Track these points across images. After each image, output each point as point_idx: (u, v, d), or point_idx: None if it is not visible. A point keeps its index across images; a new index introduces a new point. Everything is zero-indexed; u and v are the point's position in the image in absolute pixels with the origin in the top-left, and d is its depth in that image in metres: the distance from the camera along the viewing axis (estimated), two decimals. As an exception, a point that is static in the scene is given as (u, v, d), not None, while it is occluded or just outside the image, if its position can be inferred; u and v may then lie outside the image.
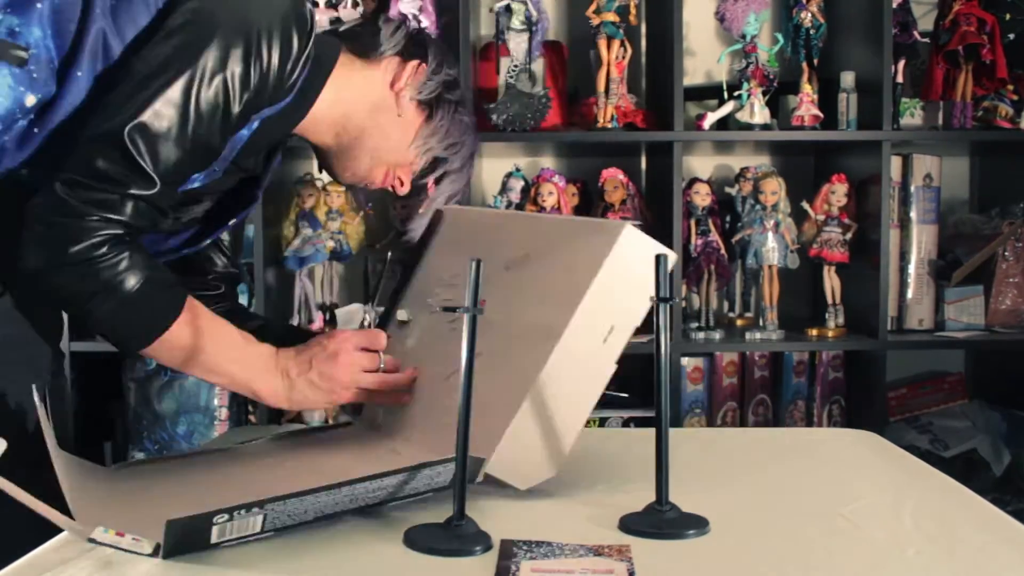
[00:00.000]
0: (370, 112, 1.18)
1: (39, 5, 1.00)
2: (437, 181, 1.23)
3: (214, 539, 0.81)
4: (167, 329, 1.00)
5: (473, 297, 0.83)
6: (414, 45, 1.21)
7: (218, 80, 0.98)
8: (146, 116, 0.96)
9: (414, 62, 1.19)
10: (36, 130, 1.01)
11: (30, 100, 1.00)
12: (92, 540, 0.79)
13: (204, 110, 0.98)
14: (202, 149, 1.01)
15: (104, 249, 0.95)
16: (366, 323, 1.25)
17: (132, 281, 0.96)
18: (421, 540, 0.82)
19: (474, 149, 1.26)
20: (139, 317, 0.99)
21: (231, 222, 1.24)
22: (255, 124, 1.06)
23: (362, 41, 1.19)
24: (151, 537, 0.80)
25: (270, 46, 1.00)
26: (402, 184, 1.22)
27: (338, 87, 1.14)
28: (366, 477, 0.85)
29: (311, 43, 1.04)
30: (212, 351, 1.05)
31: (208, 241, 1.23)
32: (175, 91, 0.97)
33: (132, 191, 0.96)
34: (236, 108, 1.00)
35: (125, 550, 0.80)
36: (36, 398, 0.95)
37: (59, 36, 1.01)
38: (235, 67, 0.98)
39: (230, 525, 0.81)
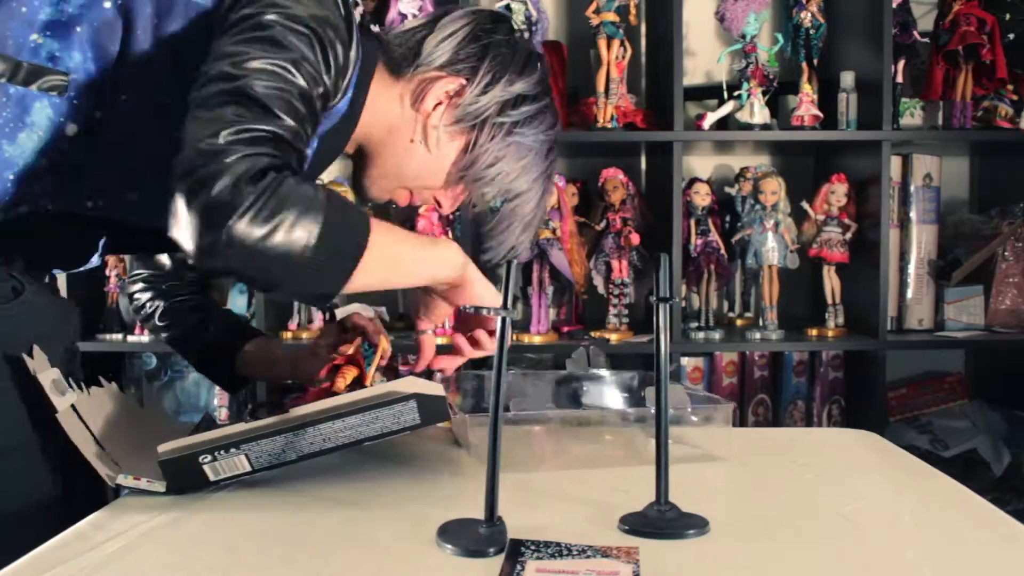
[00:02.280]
0: (388, 133, 1.10)
1: (79, 29, 0.97)
2: (496, 208, 1.15)
3: (212, 477, 0.94)
4: (369, 234, 0.91)
5: (505, 298, 0.83)
6: (470, 56, 1.09)
7: (308, 52, 0.92)
8: (252, 77, 0.88)
9: (449, 81, 1.07)
10: (91, 158, 0.98)
11: (71, 129, 0.97)
12: (118, 484, 0.95)
13: (305, 75, 0.91)
14: (310, 111, 0.93)
15: (271, 177, 0.85)
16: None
17: (318, 193, 0.87)
18: (450, 536, 0.82)
19: (542, 171, 1.14)
20: (343, 232, 0.89)
21: None
22: (315, 143, 1.00)
23: (394, 53, 1.09)
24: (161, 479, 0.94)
25: (335, 35, 0.95)
26: (440, 206, 1.15)
27: (370, 98, 1.07)
28: (327, 415, 0.93)
29: (356, 43, 0.99)
30: (411, 249, 1.01)
31: None
32: (275, 58, 0.90)
33: (271, 128, 0.87)
34: (326, 81, 0.94)
35: (145, 491, 0.94)
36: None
37: (101, 60, 0.98)
38: (315, 47, 0.93)
39: (218, 464, 0.94)
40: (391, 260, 0.97)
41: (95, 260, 1.13)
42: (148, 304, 1.35)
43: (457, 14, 1.12)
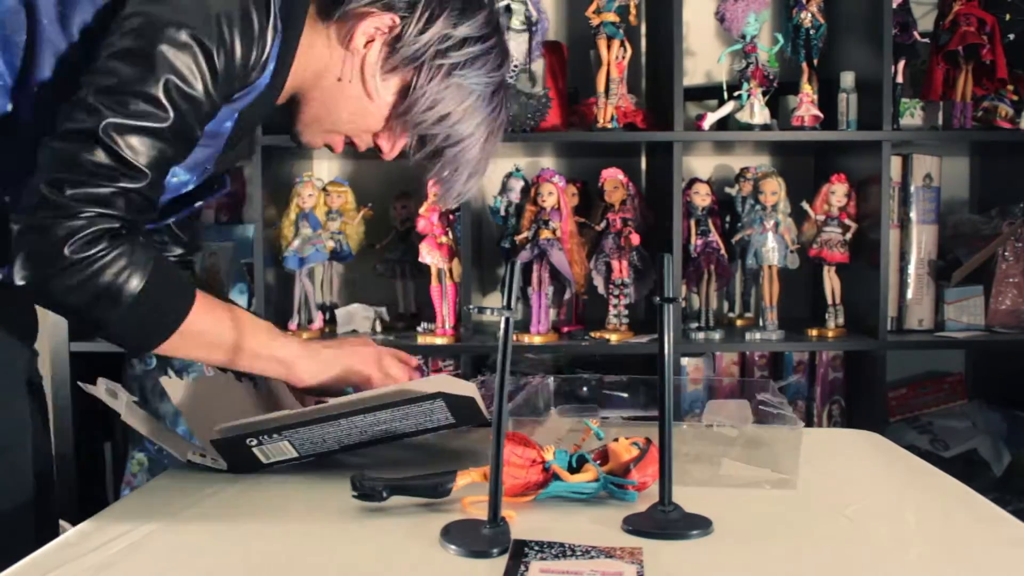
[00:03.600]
0: (317, 76, 1.06)
1: None
2: (439, 152, 1.08)
3: (264, 460, 1.02)
4: (183, 321, 0.96)
5: (507, 299, 0.83)
6: None
7: (185, 71, 0.91)
8: (119, 113, 0.89)
9: (378, 18, 1.03)
10: (4, 151, 0.96)
11: None
12: (189, 460, 1.06)
13: (177, 102, 0.91)
14: (182, 140, 0.95)
15: (103, 245, 0.89)
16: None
17: (135, 282, 0.91)
18: (454, 537, 0.82)
19: (487, 114, 1.08)
20: (152, 314, 0.94)
21: (197, 204, 1.18)
22: (235, 116, 1.02)
23: None
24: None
25: (231, 29, 0.93)
26: (382, 151, 1.12)
27: (300, 51, 1.04)
28: (359, 409, 0.97)
29: (273, 16, 0.97)
30: (237, 336, 1.01)
31: (171, 220, 1.18)
32: (144, 86, 0.90)
33: (123, 184, 0.90)
34: (207, 97, 0.94)
35: (211, 468, 1.04)
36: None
37: (6, 51, 0.95)
38: (199, 57, 0.92)
39: (266, 448, 1.01)
40: (213, 341, 1.00)
41: None
42: None
43: None
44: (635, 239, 2.10)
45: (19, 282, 0.88)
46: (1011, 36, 2.14)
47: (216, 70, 0.93)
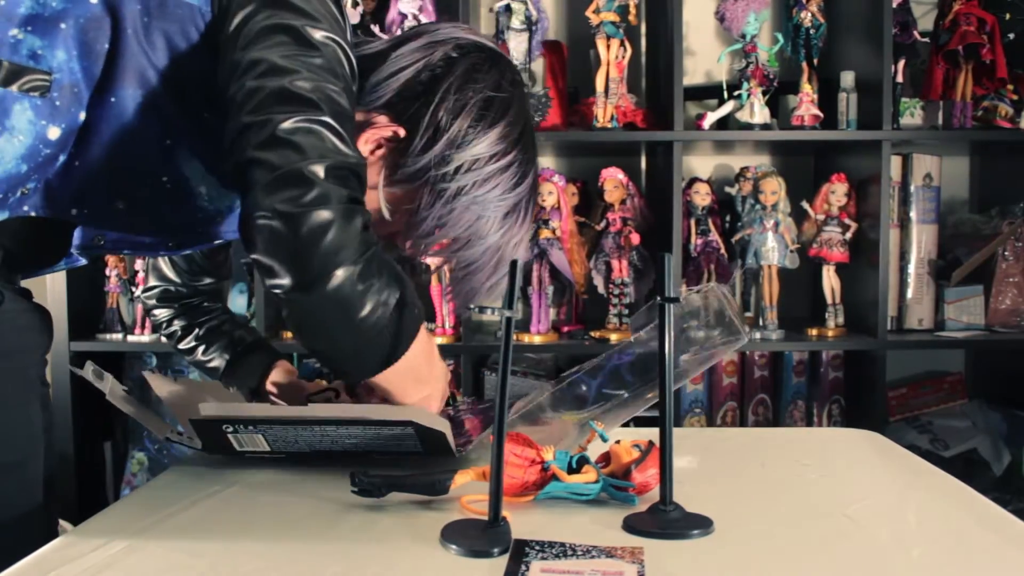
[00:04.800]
0: None
1: (63, 25, 0.89)
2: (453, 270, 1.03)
3: (237, 447, 1.04)
4: (416, 336, 0.90)
5: (509, 299, 0.82)
6: (413, 100, 0.97)
7: (331, 54, 0.87)
8: (327, 110, 0.84)
9: (384, 128, 0.97)
10: (77, 163, 0.92)
11: (53, 133, 0.89)
12: (167, 438, 1.10)
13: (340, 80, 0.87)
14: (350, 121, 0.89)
15: (367, 231, 0.82)
16: None
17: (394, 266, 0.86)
18: (454, 536, 0.82)
19: (500, 238, 1.00)
20: (411, 314, 0.89)
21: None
22: None
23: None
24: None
25: (343, 44, 0.90)
26: (412, 254, 1.04)
27: None
28: (334, 419, 0.97)
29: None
30: (432, 360, 0.98)
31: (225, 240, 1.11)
32: (331, 81, 0.86)
33: (353, 161, 0.84)
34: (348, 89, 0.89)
35: (188, 446, 1.09)
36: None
37: (86, 58, 0.90)
38: (337, 45, 0.88)
39: (241, 437, 1.02)
40: (420, 357, 0.95)
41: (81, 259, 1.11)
42: (167, 323, 1.31)
43: (416, 44, 1.00)
44: (635, 239, 2.10)
45: (297, 283, 0.81)
46: (1011, 36, 2.14)
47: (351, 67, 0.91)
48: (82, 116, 0.91)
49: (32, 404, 1.02)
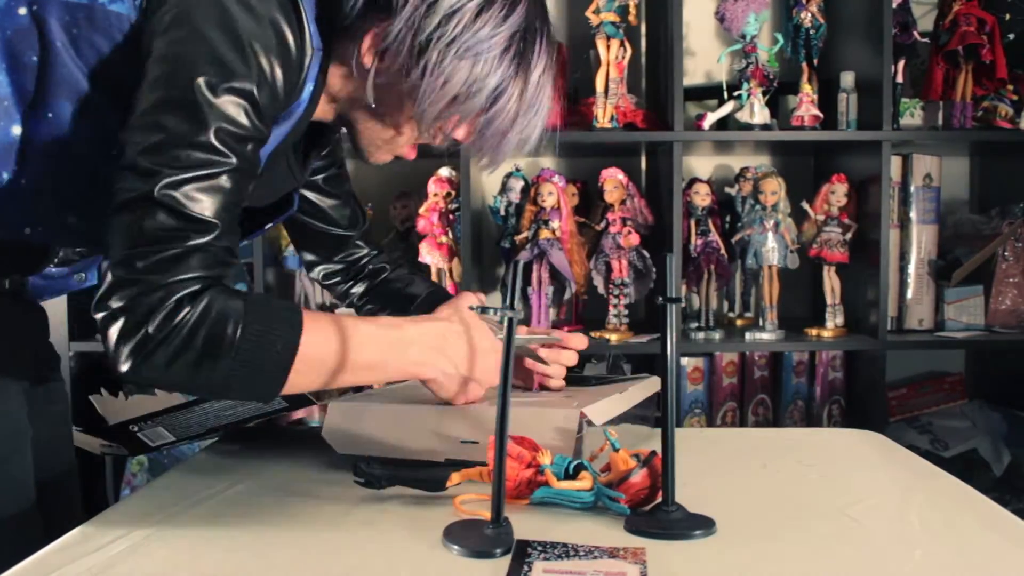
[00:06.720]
0: (351, 106, 1.02)
1: None
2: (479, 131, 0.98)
3: (151, 444, 1.15)
4: (297, 350, 0.86)
5: (511, 298, 0.82)
6: None
7: (233, 112, 0.85)
8: (174, 169, 0.82)
9: (374, 30, 0.95)
10: (23, 181, 0.91)
11: None
12: (102, 453, 1.22)
13: (232, 145, 0.85)
14: (245, 179, 0.88)
15: (185, 310, 0.80)
16: None
17: (230, 328, 0.82)
18: (456, 537, 0.81)
19: (509, 64, 0.95)
20: (260, 353, 0.84)
21: (267, 226, 1.15)
22: (273, 143, 0.96)
23: (331, 9, 0.95)
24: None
25: (269, 57, 0.87)
26: (457, 140, 1.02)
27: (331, 74, 0.99)
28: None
29: (308, 35, 0.90)
30: (365, 350, 0.93)
31: (243, 243, 1.10)
32: (196, 136, 0.83)
33: (193, 241, 0.82)
34: (258, 132, 0.88)
35: (116, 455, 1.23)
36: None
37: (15, 71, 0.89)
38: (242, 94, 0.85)
39: (147, 433, 1.13)
40: (333, 361, 0.90)
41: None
42: (347, 296, 1.36)
43: None
44: (635, 239, 2.09)
45: (122, 371, 0.81)
46: (1011, 36, 2.14)
47: (259, 104, 0.87)
48: (16, 130, 0.90)
49: (10, 401, 1.02)
